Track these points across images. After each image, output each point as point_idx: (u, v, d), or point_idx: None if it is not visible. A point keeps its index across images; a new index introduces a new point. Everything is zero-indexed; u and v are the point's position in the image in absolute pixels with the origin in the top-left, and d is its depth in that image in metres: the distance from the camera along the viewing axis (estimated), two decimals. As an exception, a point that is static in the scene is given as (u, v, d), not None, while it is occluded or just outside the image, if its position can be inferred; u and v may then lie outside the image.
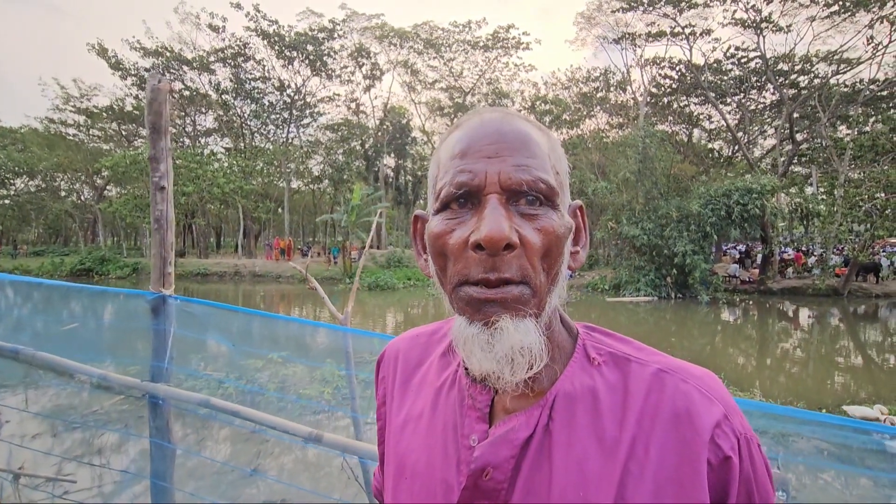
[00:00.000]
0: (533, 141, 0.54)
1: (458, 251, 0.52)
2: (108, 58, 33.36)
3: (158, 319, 1.45)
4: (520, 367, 0.50)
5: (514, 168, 0.52)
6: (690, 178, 22.27)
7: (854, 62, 24.52)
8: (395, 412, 0.68)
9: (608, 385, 0.55)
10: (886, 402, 7.36)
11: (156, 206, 1.45)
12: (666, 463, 0.49)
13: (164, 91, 1.40)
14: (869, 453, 3.31)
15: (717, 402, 0.52)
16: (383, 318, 17.19)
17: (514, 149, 0.53)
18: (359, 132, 38.93)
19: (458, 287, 0.52)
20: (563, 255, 0.54)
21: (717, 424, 0.50)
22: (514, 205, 0.52)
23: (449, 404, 0.61)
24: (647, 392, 0.53)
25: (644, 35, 28.79)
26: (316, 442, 1.24)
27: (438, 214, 0.55)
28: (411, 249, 2.04)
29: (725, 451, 0.50)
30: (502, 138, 0.53)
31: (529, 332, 0.50)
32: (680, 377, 0.53)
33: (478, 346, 0.50)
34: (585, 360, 0.57)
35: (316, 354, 3.02)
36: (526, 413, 0.54)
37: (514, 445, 0.53)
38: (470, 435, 0.56)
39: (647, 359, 0.56)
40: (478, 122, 0.56)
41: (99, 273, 27.81)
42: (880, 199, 17.96)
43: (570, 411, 0.53)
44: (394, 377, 0.70)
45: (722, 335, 14.36)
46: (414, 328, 0.75)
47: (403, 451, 0.63)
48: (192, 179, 28.12)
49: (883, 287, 20.51)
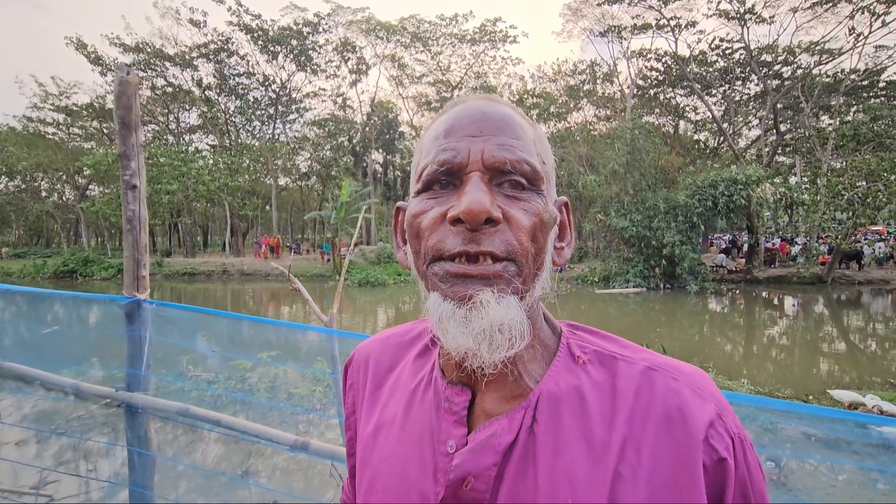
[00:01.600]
0: (517, 124, 0.52)
1: (433, 225, 0.49)
2: (88, 53, 32.62)
3: (133, 325, 1.38)
4: (499, 344, 0.46)
5: (498, 147, 0.49)
6: (677, 169, 22.44)
7: (836, 52, 24.85)
8: (364, 420, 0.63)
9: (595, 385, 0.52)
10: (870, 388, 7.51)
11: (127, 205, 1.38)
12: (660, 466, 0.46)
13: (133, 84, 1.34)
14: (855, 439, 3.36)
15: (708, 400, 0.50)
16: (374, 314, 17.12)
17: (497, 128, 0.51)
18: (346, 127, 38.60)
19: (431, 263, 0.49)
20: (548, 242, 0.52)
21: (710, 424, 0.48)
22: (497, 186, 0.49)
23: (424, 408, 0.56)
24: (637, 391, 0.50)
25: (630, 27, 28.88)
26: (302, 449, 1.20)
27: (418, 196, 0.52)
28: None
29: (720, 453, 0.47)
30: (486, 118, 0.51)
31: (511, 307, 0.46)
32: (670, 375, 0.51)
33: (453, 322, 0.46)
34: (570, 358, 0.54)
35: (305, 354, 2.97)
36: (508, 416, 0.51)
37: (497, 452, 0.49)
38: (447, 441, 0.52)
39: (634, 356, 0.53)
40: (462, 106, 0.54)
41: (83, 275, 27.29)
42: (862, 187, 18.25)
43: (556, 413, 0.50)
44: (364, 383, 0.65)
45: (710, 324, 14.54)
46: (385, 330, 0.71)
47: (376, 460, 0.58)
48: (177, 177, 27.69)
49: (865, 274, 20.91)
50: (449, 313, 0.47)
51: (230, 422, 1.26)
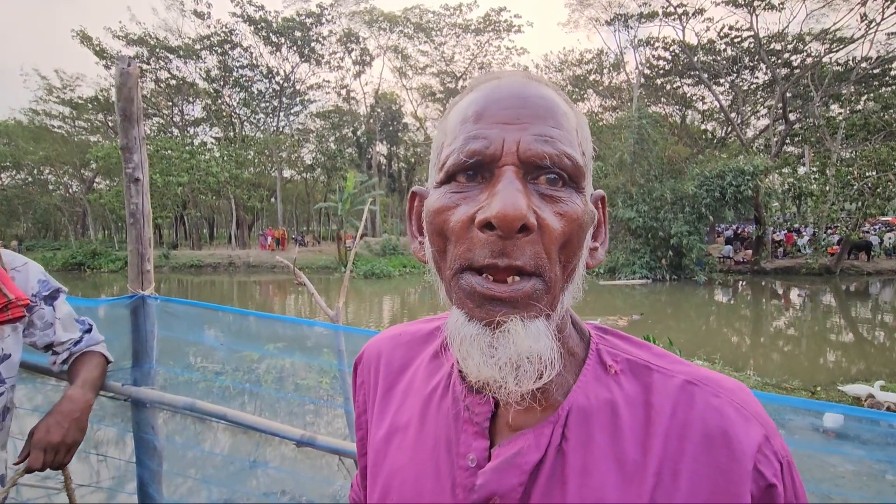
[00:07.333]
0: (560, 110, 0.46)
1: (461, 231, 0.43)
2: (93, 45, 32.64)
3: (139, 321, 1.39)
4: (526, 375, 0.42)
5: (536, 138, 0.43)
6: (684, 159, 22.23)
7: (847, 40, 24.40)
8: (376, 423, 0.60)
9: (627, 399, 0.48)
10: (878, 378, 7.45)
11: (130, 199, 1.37)
12: (698, 492, 0.43)
13: (134, 75, 1.32)
14: (861, 433, 3.33)
15: (755, 420, 0.45)
16: (379, 306, 17.19)
17: (537, 116, 0.44)
18: (350, 119, 38.50)
19: (458, 273, 0.44)
20: (583, 247, 0.46)
21: (758, 449, 0.44)
22: (532, 182, 0.44)
23: (441, 415, 0.53)
24: (674, 407, 0.46)
25: (637, 16, 28.48)
26: (309, 444, 1.20)
27: (441, 187, 0.46)
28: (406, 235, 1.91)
29: (769, 479, 0.44)
30: (524, 103, 0.45)
31: (540, 335, 0.42)
32: (711, 390, 0.47)
33: (477, 348, 0.42)
34: (600, 368, 0.50)
35: (312, 346, 2.97)
36: (535, 431, 0.47)
37: (524, 471, 0.46)
38: (467, 454, 0.49)
39: (671, 368, 0.49)
40: (495, 85, 0.47)
41: (90, 267, 27.54)
42: (871, 177, 18.01)
43: (586, 430, 0.46)
44: (375, 383, 0.62)
45: (717, 315, 14.48)
46: (396, 325, 0.67)
47: (388, 469, 0.55)
48: (187, 170, 27.84)
49: (874, 265, 20.73)
50: (472, 338, 0.43)
51: (236, 416, 1.26)
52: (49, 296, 1.23)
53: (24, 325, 1.18)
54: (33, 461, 1.09)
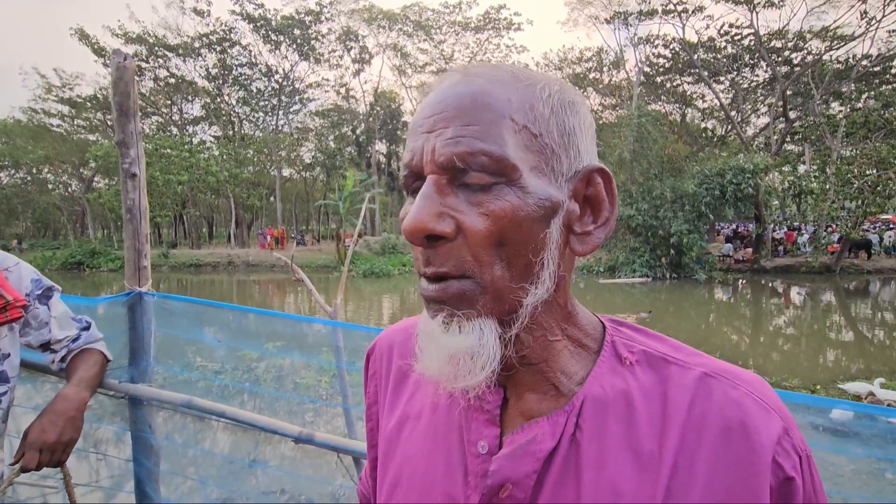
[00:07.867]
0: (481, 104, 0.43)
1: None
2: (91, 43, 32.60)
3: (136, 318, 1.38)
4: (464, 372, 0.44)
5: (447, 142, 0.43)
6: (684, 158, 22.21)
7: (847, 38, 24.37)
8: (388, 413, 0.60)
9: (643, 390, 0.47)
10: (878, 376, 7.45)
11: (127, 194, 1.36)
12: (716, 485, 0.43)
13: (130, 70, 1.31)
14: (861, 430, 3.32)
15: (774, 413, 0.45)
16: (379, 304, 17.18)
17: (450, 118, 0.43)
18: (349, 118, 38.46)
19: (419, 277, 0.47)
20: (532, 241, 0.44)
21: (777, 441, 0.44)
22: (459, 185, 0.43)
23: (452, 404, 0.53)
24: (692, 400, 0.46)
25: (636, 13, 28.43)
26: (307, 441, 1.19)
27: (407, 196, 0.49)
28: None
29: (788, 472, 0.43)
30: (442, 108, 0.44)
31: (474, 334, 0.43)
32: (729, 382, 0.46)
33: (426, 344, 0.46)
34: (615, 359, 0.49)
35: (311, 344, 2.96)
36: (549, 420, 0.47)
37: (538, 459, 0.46)
38: (478, 441, 0.49)
39: (688, 360, 0.48)
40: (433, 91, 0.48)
41: (90, 266, 27.53)
42: (872, 175, 18.00)
43: (601, 420, 0.46)
44: (387, 373, 0.62)
45: (717, 314, 14.49)
46: (409, 317, 0.67)
47: (399, 457, 0.55)
48: (186, 168, 27.82)
49: (874, 263, 20.72)
50: (424, 335, 0.46)
51: (234, 413, 1.26)
52: (42, 294, 1.23)
53: (20, 325, 1.18)
54: (28, 461, 1.07)
